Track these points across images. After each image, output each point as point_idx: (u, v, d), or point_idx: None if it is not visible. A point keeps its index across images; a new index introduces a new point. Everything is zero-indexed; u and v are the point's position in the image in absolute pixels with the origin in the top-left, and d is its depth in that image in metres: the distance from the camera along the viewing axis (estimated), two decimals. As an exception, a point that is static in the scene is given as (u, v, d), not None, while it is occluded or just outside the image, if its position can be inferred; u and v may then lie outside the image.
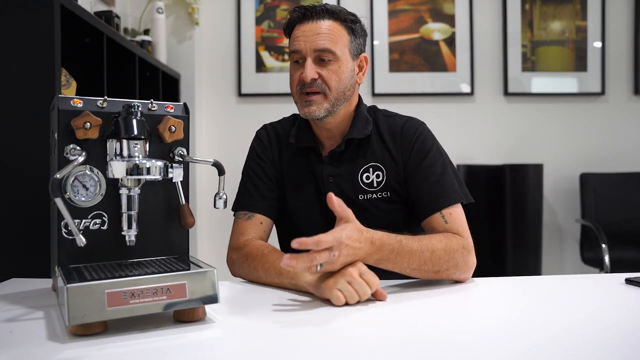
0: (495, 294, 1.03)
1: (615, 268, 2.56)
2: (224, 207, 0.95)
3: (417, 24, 3.09)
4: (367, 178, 1.21)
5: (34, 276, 1.14)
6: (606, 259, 2.56)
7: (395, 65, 3.08)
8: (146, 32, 2.62)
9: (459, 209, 1.15)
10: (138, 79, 2.15)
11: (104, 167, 0.85)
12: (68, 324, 0.72)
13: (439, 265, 1.04)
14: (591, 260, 2.82)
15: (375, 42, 3.08)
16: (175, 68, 2.79)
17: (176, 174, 0.89)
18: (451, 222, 1.12)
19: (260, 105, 3.06)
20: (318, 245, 0.88)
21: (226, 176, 0.95)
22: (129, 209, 0.86)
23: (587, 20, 3.11)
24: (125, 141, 0.83)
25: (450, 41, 3.09)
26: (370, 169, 1.21)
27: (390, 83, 3.07)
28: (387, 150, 1.21)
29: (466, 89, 3.09)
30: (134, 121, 0.83)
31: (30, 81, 1.38)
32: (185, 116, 0.92)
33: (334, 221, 1.22)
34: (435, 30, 3.09)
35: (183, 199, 0.91)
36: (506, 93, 3.10)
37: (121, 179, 0.85)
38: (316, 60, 1.15)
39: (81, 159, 0.82)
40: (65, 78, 1.54)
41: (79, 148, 0.83)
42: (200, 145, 2.92)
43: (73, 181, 0.84)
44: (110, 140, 0.84)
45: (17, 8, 1.37)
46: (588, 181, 2.98)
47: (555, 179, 3.11)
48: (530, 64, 3.11)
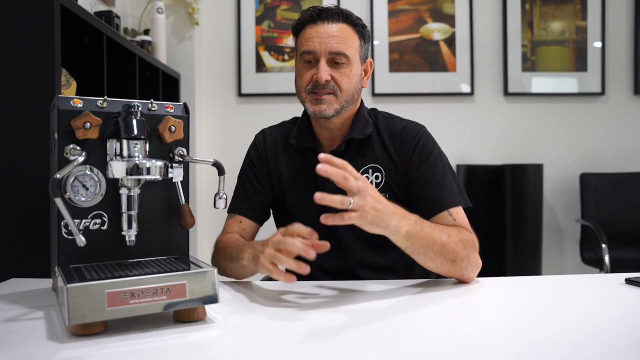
0: (495, 294, 1.03)
1: (615, 268, 2.56)
2: (224, 207, 0.96)
3: (417, 24, 3.09)
4: (367, 179, 1.21)
5: (34, 276, 1.14)
6: (606, 259, 2.56)
7: (395, 65, 3.08)
8: (146, 32, 2.62)
9: (462, 211, 1.16)
10: (138, 79, 2.15)
11: (104, 167, 0.85)
12: (68, 324, 0.72)
13: (455, 254, 1.03)
14: (591, 260, 2.82)
15: (375, 42, 3.08)
16: (175, 68, 2.79)
17: (176, 174, 0.89)
18: (459, 220, 1.13)
19: (260, 105, 3.06)
20: (345, 168, 0.89)
21: (226, 176, 0.95)
22: (129, 209, 0.86)
23: (587, 20, 3.11)
24: (125, 141, 0.83)
25: (450, 41, 3.09)
26: (370, 170, 1.22)
27: (390, 83, 3.07)
28: (386, 152, 1.22)
29: (466, 89, 3.09)
30: (134, 121, 0.84)
31: (30, 81, 1.38)
32: (185, 116, 0.92)
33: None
34: (435, 30, 3.09)
35: (183, 199, 0.91)
36: (506, 93, 3.10)
37: (121, 179, 0.85)
38: (329, 62, 1.16)
39: (81, 159, 0.82)
40: (65, 78, 1.54)
41: (79, 148, 0.83)
42: (200, 145, 2.92)
43: (73, 181, 0.84)
44: (110, 140, 0.84)
45: (17, 8, 1.37)
46: (588, 181, 2.98)
47: (555, 179, 3.11)
48: (530, 64, 3.11)
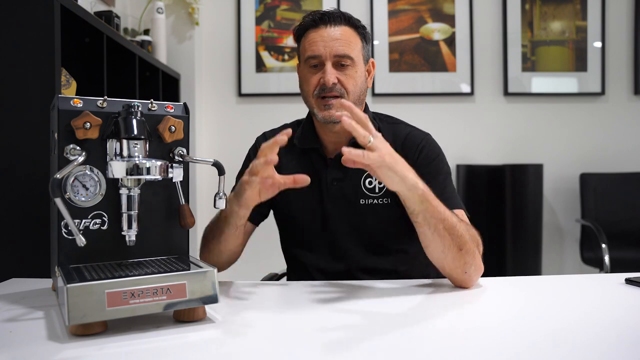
0: (495, 294, 1.03)
1: (615, 268, 2.56)
2: (224, 207, 0.96)
3: (417, 24, 3.08)
4: (370, 183, 1.21)
5: (34, 276, 1.14)
6: (606, 259, 2.56)
7: (395, 65, 3.08)
8: (146, 32, 2.62)
9: (465, 216, 1.14)
10: (138, 79, 2.15)
11: (104, 167, 0.85)
12: (68, 324, 0.72)
13: (463, 241, 1.00)
14: (591, 260, 2.82)
15: (375, 42, 3.08)
16: (175, 68, 2.79)
17: (176, 174, 0.89)
18: (464, 220, 1.10)
19: (260, 105, 3.06)
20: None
21: (226, 176, 0.95)
22: (129, 209, 0.86)
23: (587, 20, 3.11)
24: (125, 141, 0.83)
25: (450, 41, 3.09)
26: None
27: (390, 83, 3.06)
28: None
29: (466, 89, 3.09)
30: (134, 121, 0.83)
31: (30, 81, 1.38)
32: (185, 116, 0.92)
33: (333, 223, 1.22)
34: (435, 30, 3.09)
35: (183, 199, 0.91)
36: (506, 93, 3.10)
37: (121, 179, 0.85)
38: (335, 65, 1.16)
39: (81, 159, 0.82)
40: (65, 78, 1.54)
41: (79, 148, 0.83)
42: (200, 145, 2.92)
43: (73, 181, 0.84)
44: (110, 140, 0.84)
45: (17, 8, 1.37)
46: (588, 181, 2.98)
47: (555, 179, 3.11)
48: (530, 64, 3.11)
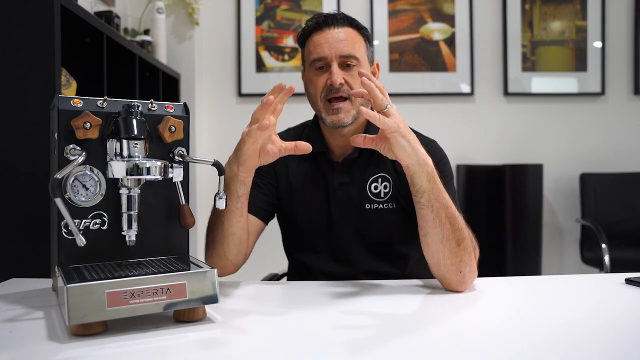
0: (495, 294, 1.03)
1: (615, 268, 2.56)
2: (224, 207, 0.96)
3: (417, 24, 3.08)
4: (375, 188, 1.21)
5: (34, 276, 1.14)
6: (606, 259, 2.56)
7: (395, 65, 3.08)
8: (146, 32, 2.62)
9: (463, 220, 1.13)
10: (138, 79, 2.15)
11: (104, 167, 0.85)
12: (68, 324, 0.72)
13: (462, 237, 1.00)
14: (591, 260, 2.82)
15: (375, 42, 3.08)
16: (175, 68, 2.79)
17: (176, 174, 0.89)
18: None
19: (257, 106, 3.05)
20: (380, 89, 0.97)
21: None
22: (129, 209, 0.86)
23: (587, 20, 3.11)
24: (125, 141, 0.83)
25: (450, 41, 3.09)
26: (379, 179, 1.21)
27: (390, 83, 3.06)
28: (395, 163, 1.20)
29: (466, 89, 3.09)
30: (134, 121, 0.84)
31: (30, 81, 1.38)
32: (185, 116, 0.92)
33: (339, 227, 1.22)
34: (435, 30, 3.09)
35: (183, 199, 0.91)
36: (506, 93, 3.10)
37: (121, 179, 0.85)
38: (341, 65, 1.16)
39: (81, 159, 0.82)
40: (65, 78, 1.54)
41: (79, 148, 0.83)
42: (200, 145, 2.92)
43: (73, 181, 0.84)
44: (110, 140, 0.84)
45: (17, 8, 1.37)
46: (588, 181, 2.98)
47: (555, 179, 3.11)
48: (530, 64, 3.11)
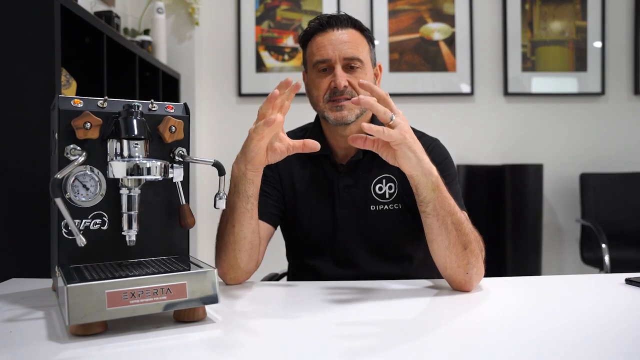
0: (495, 294, 1.03)
1: (615, 268, 2.56)
2: (224, 207, 0.96)
3: (417, 24, 3.08)
4: (380, 189, 1.21)
5: (34, 276, 1.14)
6: (606, 259, 2.56)
7: (395, 65, 3.08)
8: (146, 32, 2.62)
9: (469, 219, 1.11)
10: (138, 79, 2.15)
11: (104, 167, 0.85)
12: (68, 324, 0.72)
13: (468, 241, 0.99)
14: (591, 260, 2.82)
15: (375, 42, 3.06)
16: (175, 68, 2.79)
17: (176, 174, 0.89)
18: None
19: (260, 105, 3.05)
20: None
21: (226, 176, 0.95)
22: (129, 209, 0.86)
23: (587, 20, 3.11)
24: (125, 141, 0.83)
25: (450, 41, 3.09)
26: (384, 180, 1.21)
27: (390, 83, 3.06)
28: None
29: (466, 89, 3.09)
30: (134, 121, 0.84)
31: (30, 81, 1.38)
32: (185, 116, 0.92)
33: (343, 230, 1.22)
34: (435, 30, 3.09)
35: (183, 199, 0.91)
36: (506, 93, 3.10)
37: (121, 179, 0.85)
38: (344, 67, 1.15)
39: (81, 159, 0.82)
40: (65, 78, 1.54)
41: (79, 148, 0.83)
42: (200, 145, 2.92)
43: (73, 181, 0.84)
44: (111, 140, 0.84)
45: (17, 8, 1.37)
46: (588, 181, 2.98)
47: (555, 179, 3.11)
48: (530, 64, 3.11)
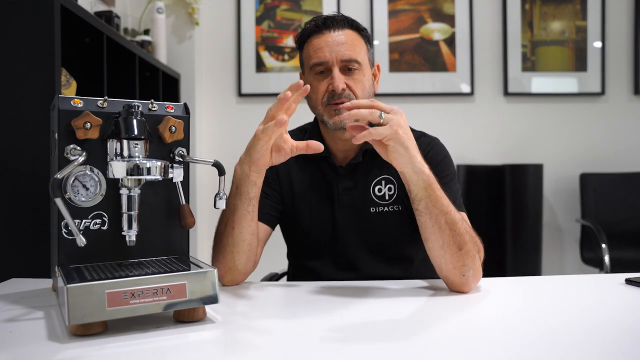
0: (495, 294, 1.03)
1: (615, 268, 2.56)
2: (224, 207, 0.96)
3: (417, 24, 3.08)
4: (379, 191, 1.21)
5: (34, 276, 1.14)
6: (606, 259, 2.56)
7: (395, 65, 3.08)
8: (146, 32, 2.62)
9: (467, 219, 1.11)
10: (138, 79, 2.15)
11: (104, 167, 0.85)
12: (68, 324, 0.72)
13: (463, 241, 0.98)
14: (591, 260, 2.82)
15: (375, 42, 3.08)
16: (175, 68, 2.79)
17: (176, 174, 0.89)
18: (466, 222, 1.07)
19: (260, 105, 3.06)
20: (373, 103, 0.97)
21: (226, 176, 0.95)
22: (129, 209, 0.86)
23: (587, 20, 3.11)
24: (125, 141, 0.83)
25: (450, 41, 3.09)
26: (383, 182, 1.21)
27: (390, 83, 3.06)
28: None
29: (466, 89, 3.09)
30: (134, 121, 0.84)
31: (30, 81, 1.38)
32: (185, 116, 0.92)
33: (343, 232, 1.22)
34: (435, 30, 3.09)
35: (183, 199, 0.91)
36: (506, 93, 3.10)
37: (121, 179, 0.85)
38: (342, 70, 1.14)
39: (81, 159, 0.82)
40: (65, 78, 1.54)
41: (79, 148, 0.83)
42: (200, 145, 2.92)
43: (73, 181, 0.84)
44: (111, 140, 0.84)
45: (17, 8, 1.37)
46: (588, 181, 2.98)
47: (555, 179, 3.11)
48: (530, 64, 3.11)
